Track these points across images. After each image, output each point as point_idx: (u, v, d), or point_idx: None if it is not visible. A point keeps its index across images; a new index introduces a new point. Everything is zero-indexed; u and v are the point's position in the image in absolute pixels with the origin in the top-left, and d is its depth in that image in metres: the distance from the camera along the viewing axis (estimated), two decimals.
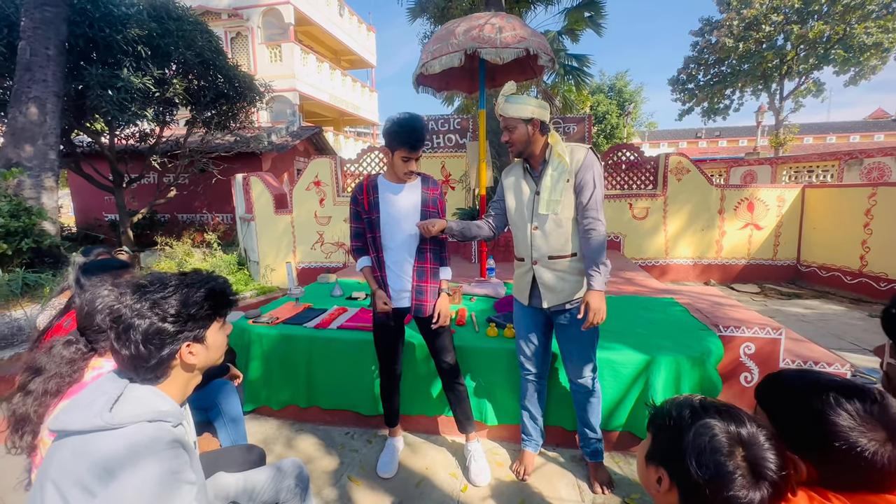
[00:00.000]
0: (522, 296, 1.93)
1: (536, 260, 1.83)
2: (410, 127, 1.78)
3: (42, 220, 4.26)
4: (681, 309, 2.87)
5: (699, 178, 5.60)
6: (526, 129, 1.74)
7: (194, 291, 0.98)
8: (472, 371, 2.34)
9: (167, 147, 7.94)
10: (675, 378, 2.13)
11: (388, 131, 1.81)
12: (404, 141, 1.78)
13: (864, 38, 18.86)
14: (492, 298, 3.24)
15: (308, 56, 15.45)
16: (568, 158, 1.74)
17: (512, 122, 1.74)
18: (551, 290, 1.82)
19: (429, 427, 2.49)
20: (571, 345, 1.88)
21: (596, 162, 1.76)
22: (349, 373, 2.50)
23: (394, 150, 1.82)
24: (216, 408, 1.78)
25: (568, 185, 1.75)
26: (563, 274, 1.80)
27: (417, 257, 1.96)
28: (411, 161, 1.84)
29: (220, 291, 1.04)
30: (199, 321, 0.98)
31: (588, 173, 1.73)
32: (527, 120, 1.72)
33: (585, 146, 1.78)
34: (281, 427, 2.61)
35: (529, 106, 1.72)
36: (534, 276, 1.85)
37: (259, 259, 6.03)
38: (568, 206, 1.76)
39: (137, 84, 5.62)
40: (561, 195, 1.74)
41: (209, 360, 1.04)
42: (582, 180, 1.74)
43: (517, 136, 1.76)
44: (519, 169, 1.89)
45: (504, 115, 1.75)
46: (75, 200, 10.29)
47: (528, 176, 1.85)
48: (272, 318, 2.77)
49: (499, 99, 1.79)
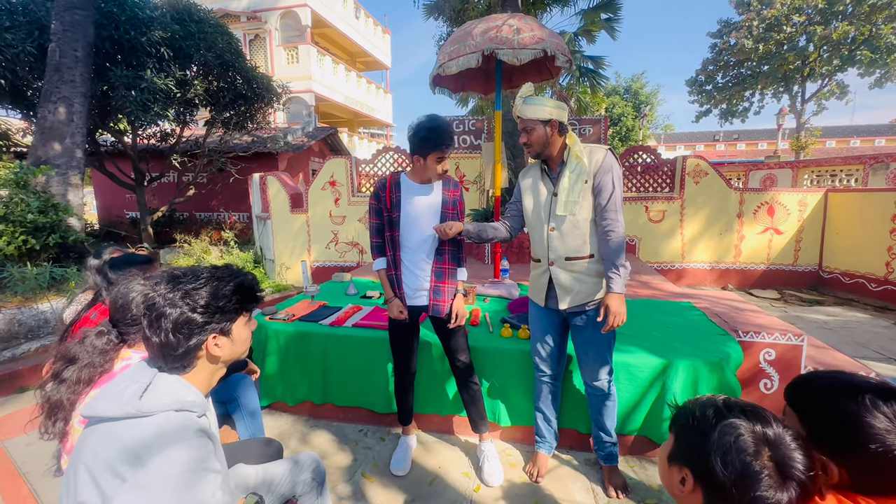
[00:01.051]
0: (538, 297, 1.92)
1: (553, 261, 1.82)
2: (441, 129, 1.81)
3: (68, 217, 4.39)
4: (698, 313, 2.83)
5: (717, 182, 5.51)
6: (544, 131, 1.74)
7: (224, 285, 1.00)
8: (486, 372, 2.34)
9: (187, 147, 8.11)
10: (693, 383, 2.10)
11: (419, 136, 1.82)
12: (439, 143, 1.81)
13: (892, 39, 18.32)
14: (506, 299, 3.23)
15: (324, 58, 15.64)
16: (586, 159, 1.73)
17: (530, 123, 1.74)
18: (568, 292, 1.81)
19: (442, 426, 2.49)
20: (587, 347, 1.87)
21: (615, 163, 1.75)
22: (363, 370, 2.52)
23: (426, 153, 1.84)
24: (235, 401, 1.81)
25: (586, 186, 1.74)
26: (579, 275, 1.79)
27: (436, 258, 1.98)
28: (445, 160, 1.86)
29: (249, 287, 1.06)
30: (226, 314, 1.00)
31: (607, 175, 1.72)
32: (545, 121, 1.72)
33: (604, 147, 1.77)
34: (296, 423, 2.65)
35: (547, 107, 1.72)
36: (550, 277, 1.84)
37: (274, 257, 6.12)
38: (586, 208, 1.76)
39: (160, 85, 5.76)
40: (579, 196, 1.73)
41: (234, 353, 1.07)
42: (601, 182, 1.73)
43: (535, 138, 1.75)
44: (536, 170, 1.89)
45: (522, 117, 1.75)
46: (98, 198, 10.58)
47: (545, 177, 1.85)
48: (288, 315, 2.81)
49: (516, 100, 1.79)
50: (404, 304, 2.00)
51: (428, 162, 1.85)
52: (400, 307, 1.97)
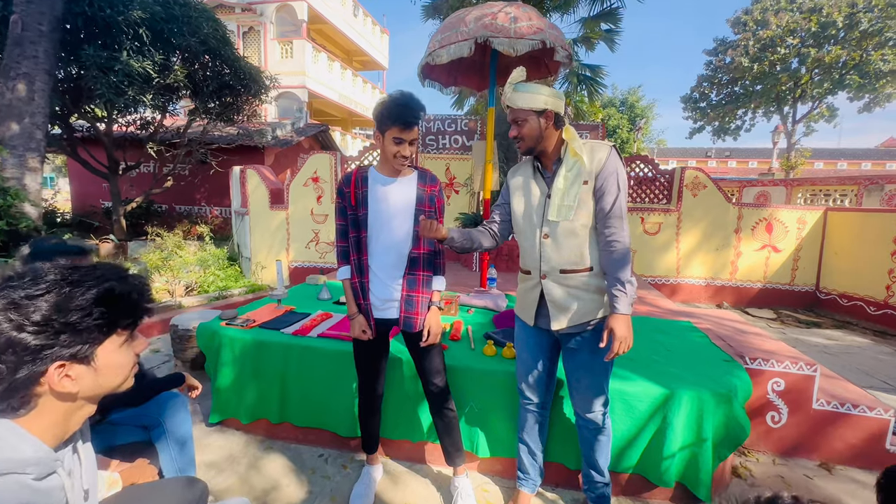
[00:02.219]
0: (527, 314, 1.66)
1: (545, 274, 1.56)
2: (402, 102, 1.54)
3: (21, 202, 4.03)
4: (700, 335, 2.59)
5: (716, 195, 5.33)
6: (538, 123, 1.49)
7: (80, 292, 0.71)
8: (465, 394, 2.06)
9: (167, 136, 7.74)
10: (698, 417, 1.85)
11: (378, 110, 1.57)
12: (395, 117, 1.53)
13: (880, 65, 18.69)
14: (491, 311, 2.96)
15: (319, 54, 15.35)
16: (586, 157, 1.48)
17: (521, 114, 1.49)
18: (562, 310, 1.55)
19: (412, 454, 2.21)
20: (582, 374, 1.61)
21: (620, 163, 1.50)
22: (327, 388, 2.23)
23: (384, 130, 1.57)
24: (160, 426, 1.51)
25: (586, 188, 1.49)
26: (576, 291, 1.54)
27: (409, 264, 1.70)
28: (404, 144, 1.58)
29: (122, 295, 0.76)
30: (82, 334, 0.71)
31: (611, 177, 1.48)
32: (539, 111, 1.48)
33: (608, 144, 1.52)
34: (248, 444, 2.34)
35: (542, 95, 1.47)
36: (542, 292, 1.58)
37: (251, 255, 5.79)
38: (585, 213, 1.50)
39: (136, 68, 5.42)
40: (575, 200, 1.49)
41: (101, 386, 0.78)
42: (604, 184, 1.48)
43: (528, 131, 1.51)
44: (528, 168, 1.64)
45: (512, 106, 1.51)
46: (73, 186, 10.11)
47: (538, 176, 1.60)
48: (248, 321, 2.51)
49: (505, 88, 1.54)
50: (370, 318, 1.72)
51: (385, 141, 1.59)
52: (363, 325, 1.71)
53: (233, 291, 5.14)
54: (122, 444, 1.47)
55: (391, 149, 1.58)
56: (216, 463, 2.17)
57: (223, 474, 2.08)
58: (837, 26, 18.67)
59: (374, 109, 1.60)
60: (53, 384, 0.70)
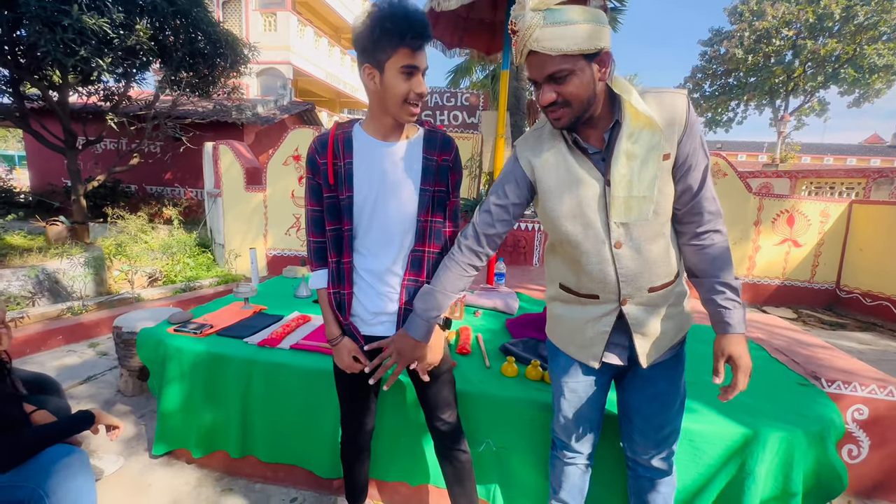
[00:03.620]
0: (587, 353, 1.15)
1: (627, 297, 1.06)
2: (401, 8, 1.00)
3: None
4: (755, 346, 2.17)
5: (736, 184, 4.93)
6: (590, 74, 0.90)
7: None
8: (479, 428, 1.60)
9: (132, 109, 7.01)
10: (785, 464, 1.43)
11: (369, 28, 1.02)
12: (403, 31, 0.99)
13: (875, 60, 18.68)
14: (503, 314, 2.50)
15: (305, 28, 14.49)
16: (659, 117, 0.93)
17: (564, 63, 0.88)
18: (651, 339, 1.09)
19: (411, 500, 1.74)
20: (653, 409, 1.17)
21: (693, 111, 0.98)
22: (301, 415, 1.74)
23: (384, 59, 1.02)
24: (41, 500, 1.00)
25: (665, 165, 0.96)
26: (664, 308, 1.08)
27: (411, 266, 1.21)
28: (417, 74, 1.05)
29: None
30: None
31: (696, 138, 0.97)
32: (590, 55, 0.88)
33: (681, 91, 0.97)
34: (202, 481, 1.85)
35: (591, 24, 0.86)
36: (618, 320, 1.09)
37: (224, 242, 5.21)
38: (667, 200, 1.00)
39: (90, 25, 4.72)
40: (653, 187, 0.96)
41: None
42: (689, 153, 0.97)
43: (576, 89, 0.90)
44: (556, 141, 1.04)
45: (545, 51, 0.88)
46: (30, 163, 9.27)
47: (578, 153, 1.02)
48: (203, 326, 2.00)
49: (525, 18, 0.88)
50: (358, 342, 1.24)
51: (388, 76, 1.03)
52: (353, 351, 1.22)
53: (202, 282, 4.58)
54: None
55: (400, 87, 1.04)
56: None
57: None
58: (835, 18, 18.51)
59: (357, 33, 1.06)
60: None
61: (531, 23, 0.87)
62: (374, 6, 1.04)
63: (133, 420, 2.27)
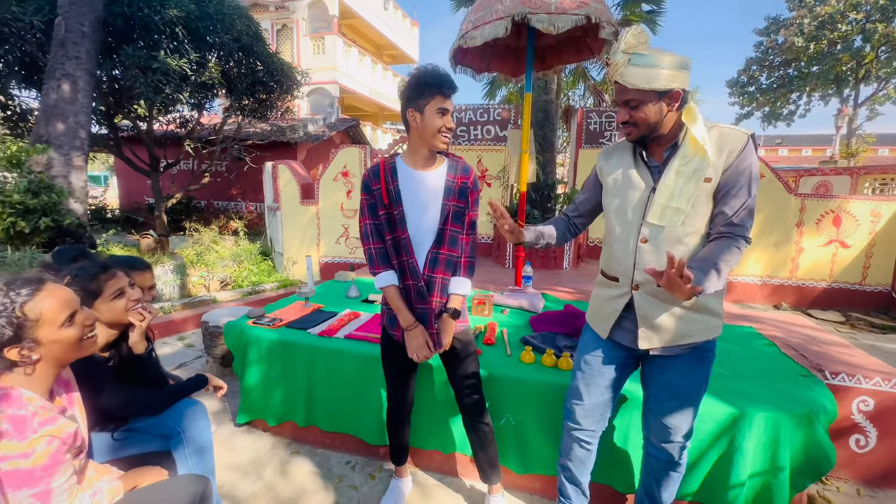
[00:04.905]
0: (602, 325, 1.42)
1: (638, 284, 1.29)
2: (438, 70, 1.40)
3: (67, 199, 4.17)
4: (766, 343, 2.30)
5: (775, 185, 4.86)
6: (659, 107, 1.17)
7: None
8: (500, 405, 1.89)
9: (204, 134, 7.93)
10: (773, 441, 1.60)
11: (411, 84, 1.41)
12: (438, 84, 1.38)
13: None
14: (528, 313, 2.77)
15: (350, 49, 15.40)
16: (713, 150, 1.17)
17: (638, 95, 1.17)
18: (654, 329, 1.29)
19: (444, 466, 2.06)
20: (667, 397, 1.35)
21: (755, 159, 1.19)
22: (354, 392, 2.12)
23: (424, 105, 1.40)
24: (179, 435, 1.43)
25: (706, 186, 1.18)
26: (676, 308, 1.27)
27: (430, 264, 1.53)
28: (448, 114, 1.42)
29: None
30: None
31: (743, 174, 1.16)
32: (662, 92, 1.16)
33: (744, 132, 1.19)
34: (275, 447, 2.27)
35: (666, 70, 1.13)
36: (630, 303, 1.33)
37: (283, 250, 5.82)
38: (699, 218, 1.21)
39: (173, 66, 5.51)
40: (688, 203, 1.19)
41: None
42: (733, 183, 1.17)
43: (644, 116, 1.19)
44: (626, 151, 1.34)
45: (625, 84, 1.17)
46: (120, 183, 10.60)
47: (640, 164, 1.30)
48: (274, 320, 2.44)
49: (617, 57, 1.18)
50: (430, 327, 1.54)
51: (427, 115, 1.41)
52: (425, 339, 1.50)
53: (265, 286, 5.17)
54: (143, 454, 1.41)
55: (435, 123, 1.41)
56: (242, 466, 2.11)
57: (248, 479, 2.02)
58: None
59: (403, 87, 1.45)
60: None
61: (619, 61, 1.18)
62: (417, 69, 1.44)
63: (217, 398, 2.75)
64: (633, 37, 1.17)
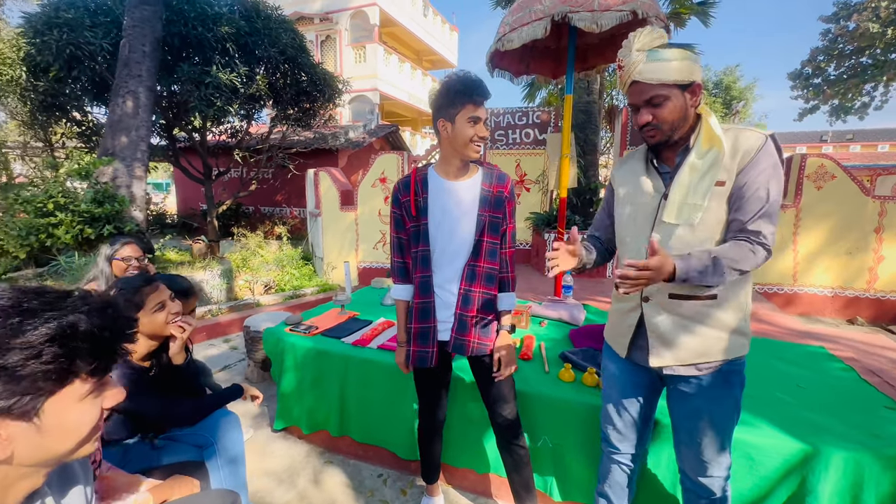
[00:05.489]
0: (619, 343, 1.34)
1: (648, 296, 1.22)
2: (470, 76, 1.35)
3: (128, 207, 4.48)
4: (842, 367, 2.04)
5: (849, 187, 4.39)
6: (683, 101, 1.12)
7: (31, 325, 0.55)
8: (537, 425, 1.79)
9: (252, 143, 8.32)
10: (854, 485, 1.40)
11: (443, 92, 1.36)
12: (470, 92, 1.33)
13: None
14: (568, 325, 2.64)
15: (390, 56, 15.70)
16: (728, 146, 1.10)
17: (661, 90, 1.10)
18: (666, 344, 1.20)
19: (477, 486, 1.98)
20: (695, 425, 1.23)
21: (776, 160, 1.10)
22: (386, 405, 2.09)
23: (455, 114, 1.35)
24: (212, 446, 1.45)
25: (720, 190, 1.11)
26: (690, 323, 1.17)
27: (467, 278, 1.47)
28: (480, 123, 1.36)
29: (89, 333, 0.59)
30: (21, 381, 0.54)
31: (761, 174, 1.08)
32: (685, 85, 1.10)
33: (762, 132, 1.11)
34: (309, 455, 2.28)
35: (687, 61, 1.09)
36: (641, 317, 1.25)
37: (323, 255, 5.97)
38: (712, 223, 1.13)
39: (224, 80, 5.82)
40: (704, 198, 1.11)
41: (48, 450, 0.60)
42: (745, 188, 1.09)
43: (669, 113, 1.12)
44: (639, 161, 1.29)
45: (645, 81, 1.11)
46: (178, 191, 11.37)
47: (652, 171, 1.24)
48: (310, 328, 2.46)
49: (632, 56, 1.13)
50: (433, 343, 1.52)
51: (458, 125, 1.35)
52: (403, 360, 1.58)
53: (306, 290, 5.31)
54: (177, 463, 1.44)
55: (467, 132, 1.36)
56: (277, 473, 2.13)
57: (282, 486, 2.03)
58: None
59: (433, 96, 1.40)
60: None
61: (636, 59, 1.12)
62: (447, 77, 1.38)
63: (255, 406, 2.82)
64: (648, 36, 1.11)
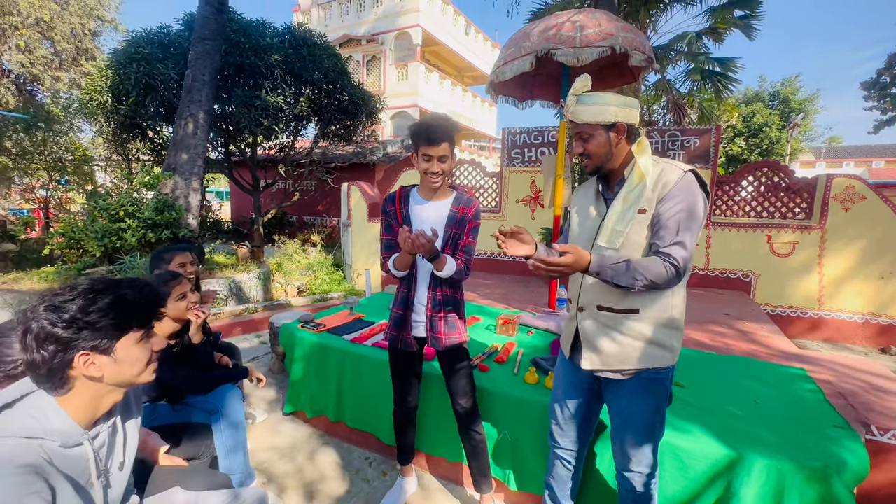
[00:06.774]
0: (565, 347, 1.54)
1: (583, 306, 1.40)
2: (427, 121, 1.63)
3: (185, 215, 5.12)
4: (812, 387, 2.07)
5: (880, 208, 4.18)
6: (607, 138, 1.32)
7: (100, 298, 0.92)
8: (498, 421, 2.00)
9: (296, 158, 9.04)
10: (776, 492, 1.49)
11: (408, 131, 1.68)
12: (419, 134, 1.62)
13: None
14: (554, 335, 2.80)
15: (432, 74, 16.33)
16: (650, 180, 1.27)
17: (587, 128, 1.32)
18: (593, 349, 1.37)
19: (449, 473, 2.20)
20: (619, 423, 1.41)
21: (694, 190, 1.25)
22: (376, 395, 2.36)
23: (415, 149, 1.66)
24: (219, 412, 1.79)
25: (641, 217, 1.27)
26: (614, 333, 1.34)
27: (432, 284, 1.74)
28: (432, 160, 1.62)
29: (131, 302, 0.96)
30: (99, 331, 0.91)
31: (674, 206, 1.23)
32: (608, 125, 1.30)
33: (685, 167, 1.27)
34: (311, 436, 2.60)
35: (611, 106, 1.28)
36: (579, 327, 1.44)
37: (352, 263, 6.40)
38: (635, 245, 1.29)
39: (272, 102, 6.48)
40: (628, 226, 1.28)
41: (122, 375, 0.97)
42: (661, 216, 1.24)
43: (595, 147, 1.33)
44: (592, 187, 1.48)
45: (576, 120, 1.33)
46: (232, 201, 12.44)
47: (599, 197, 1.43)
48: (319, 325, 2.80)
49: (568, 99, 1.36)
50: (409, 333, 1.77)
51: (418, 160, 1.67)
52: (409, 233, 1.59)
53: (333, 295, 5.74)
54: (193, 422, 1.79)
55: (421, 166, 1.65)
56: (281, 448, 2.46)
57: (283, 460, 2.35)
58: None
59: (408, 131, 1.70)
60: (84, 369, 0.91)
61: (570, 102, 1.36)
62: (413, 123, 1.67)
63: (275, 389, 3.20)
64: (580, 83, 1.34)
